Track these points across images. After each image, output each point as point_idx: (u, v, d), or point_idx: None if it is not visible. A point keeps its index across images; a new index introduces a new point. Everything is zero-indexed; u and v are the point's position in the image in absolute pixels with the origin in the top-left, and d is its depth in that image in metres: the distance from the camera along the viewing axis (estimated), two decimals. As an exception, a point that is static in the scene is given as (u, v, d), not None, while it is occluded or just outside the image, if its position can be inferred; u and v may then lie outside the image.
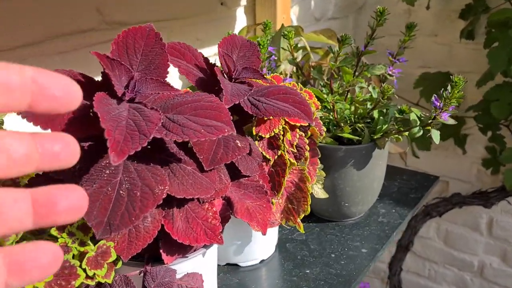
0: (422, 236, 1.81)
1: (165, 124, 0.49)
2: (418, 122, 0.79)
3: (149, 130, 0.44)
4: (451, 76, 0.71)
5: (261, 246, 0.83)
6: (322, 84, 0.90)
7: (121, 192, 0.47)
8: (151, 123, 0.45)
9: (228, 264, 0.83)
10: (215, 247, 0.67)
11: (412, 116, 0.80)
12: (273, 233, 0.84)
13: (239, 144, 0.58)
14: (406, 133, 0.80)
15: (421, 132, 0.78)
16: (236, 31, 1.14)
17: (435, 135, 0.76)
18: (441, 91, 0.72)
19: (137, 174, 0.49)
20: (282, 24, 0.99)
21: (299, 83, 0.82)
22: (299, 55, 0.96)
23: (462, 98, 0.71)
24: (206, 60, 0.63)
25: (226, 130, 0.50)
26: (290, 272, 0.81)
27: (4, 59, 0.70)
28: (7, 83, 0.22)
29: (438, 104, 0.73)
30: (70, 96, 0.24)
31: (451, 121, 0.75)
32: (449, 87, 0.70)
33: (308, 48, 1.01)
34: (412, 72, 1.51)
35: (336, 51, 0.83)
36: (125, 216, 0.47)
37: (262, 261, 0.84)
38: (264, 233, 0.63)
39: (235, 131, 0.51)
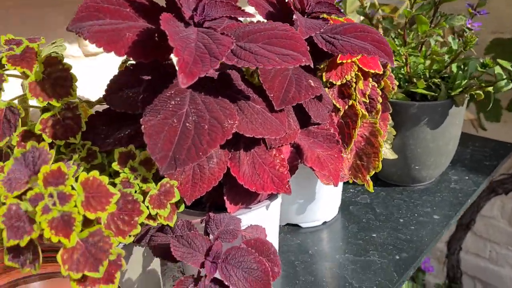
0: (485, 215, 1.70)
1: (236, 52, 0.44)
2: (504, 75, 0.71)
3: (221, 52, 0.40)
4: None
5: (324, 206, 0.77)
6: (394, 35, 0.83)
7: (187, 124, 0.43)
8: (223, 46, 0.40)
9: (288, 224, 0.78)
10: (278, 201, 0.63)
11: (497, 70, 0.72)
12: (336, 193, 0.79)
13: (312, 84, 0.53)
14: (490, 88, 0.72)
15: (510, 86, 0.70)
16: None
17: (527, 88, 0.68)
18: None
19: (205, 106, 0.44)
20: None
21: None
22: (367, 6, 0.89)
23: None
24: (276, -7, 0.58)
25: (304, 60, 0.44)
26: (355, 235, 0.76)
27: (59, 1, 0.67)
28: None
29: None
30: None
31: (546, 73, 0.67)
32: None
33: (377, 3, 0.93)
34: (483, 38, 1.40)
35: (412, -3, 0.76)
36: (191, 150, 0.42)
37: (324, 222, 0.79)
38: (336, 184, 0.57)
39: (312, 63, 0.46)
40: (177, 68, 0.37)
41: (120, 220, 0.40)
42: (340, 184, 0.80)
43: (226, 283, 0.46)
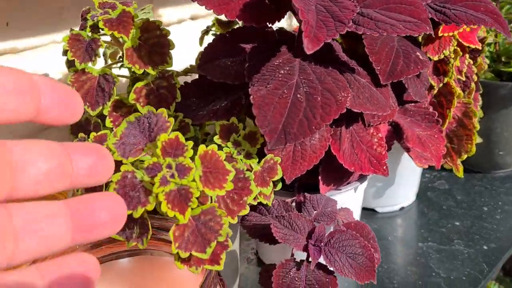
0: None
1: (354, 18, 0.40)
2: None
3: (346, 16, 0.36)
4: None
5: (403, 191, 0.73)
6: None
7: (298, 96, 0.39)
8: (347, 9, 0.37)
9: (364, 209, 0.75)
10: (365, 184, 0.59)
11: None
12: (416, 178, 0.75)
13: (420, 57, 0.48)
14: None
15: None
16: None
17: None
18: None
19: (316, 76, 0.40)
20: None
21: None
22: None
23: None
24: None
25: (427, 28, 0.40)
26: (436, 222, 0.71)
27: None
28: (18, 86, 0.18)
29: None
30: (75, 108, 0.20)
31: None
32: None
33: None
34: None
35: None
36: (304, 123, 0.39)
37: (401, 208, 0.75)
38: (438, 166, 0.53)
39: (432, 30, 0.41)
40: (302, 30, 0.34)
41: (230, 199, 0.37)
42: (419, 168, 0.75)
43: (331, 269, 0.42)
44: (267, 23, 0.41)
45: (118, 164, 0.36)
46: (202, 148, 0.34)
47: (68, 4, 0.60)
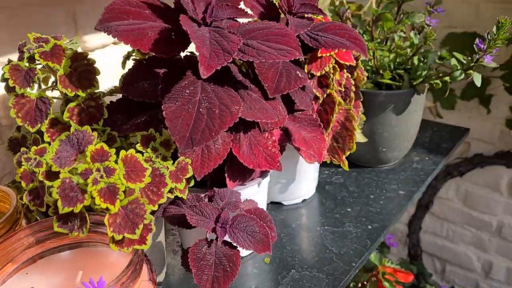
0: (441, 197, 1.85)
1: (240, 48, 0.52)
2: (459, 66, 0.82)
3: (232, 48, 0.48)
4: (478, 36, 0.73)
5: (304, 185, 0.87)
6: (362, 31, 0.93)
7: (201, 109, 0.51)
8: (233, 42, 0.48)
9: (272, 202, 0.87)
10: (267, 179, 0.71)
11: (453, 62, 0.83)
12: (314, 174, 0.88)
13: (299, 75, 0.61)
14: (447, 78, 0.83)
15: (463, 76, 0.81)
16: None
17: (477, 78, 0.79)
18: (486, 33, 0.75)
19: (214, 94, 0.52)
20: (322, -25, 1.01)
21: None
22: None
23: (507, 40, 0.73)
24: (265, -4, 0.66)
25: (297, 54, 0.53)
26: (332, 210, 0.85)
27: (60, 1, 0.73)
28: None
29: (482, 46, 0.75)
30: None
31: (493, 64, 0.78)
32: (494, 29, 0.73)
33: (344, 1, 1.03)
34: (439, 32, 1.53)
35: (378, -2, 0.85)
36: (205, 131, 0.50)
37: (304, 200, 0.88)
38: (319, 161, 0.66)
39: (303, 56, 0.54)
40: (198, 60, 0.45)
41: (149, 191, 0.48)
42: (317, 165, 0.89)
43: (234, 244, 0.54)
44: (175, 53, 0.52)
45: (57, 173, 0.46)
46: (123, 152, 0.45)
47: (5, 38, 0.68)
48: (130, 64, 0.62)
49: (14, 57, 0.66)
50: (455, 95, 1.53)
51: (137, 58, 0.70)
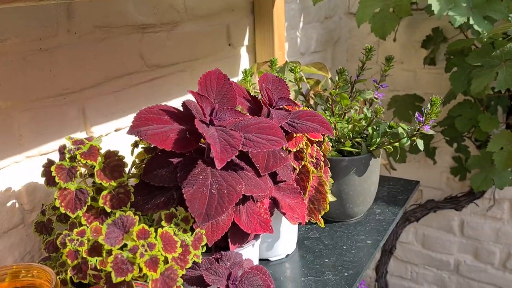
0: (402, 241, 2.02)
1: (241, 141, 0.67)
2: (405, 134, 1.00)
3: (237, 144, 0.63)
4: (420, 98, 0.92)
5: (286, 243, 1.00)
6: (323, 108, 1.10)
7: (212, 191, 0.65)
8: (236, 139, 0.64)
9: (260, 259, 1.00)
10: (259, 240, 0.85)
11: (400, 130, 1.01)
12: (294, 232, 1.02)
13: (283, 155, 0.77)
14: (397, 144, 1.01)
15: (408, 142, 0.99)
16: (241, 67, 1.33)
17: (420, 143, 0.97)
18: (423, 108, 0.93)
19: (222, 177, 0.66)
20: (286, 61, 1.19)
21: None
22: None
23: (442, 102, 0.92)
24: (249, 93, 0.82)
25: (283, 143, 0.69)
26: (312, 262, 0.99)
27: (72, 99, 0.87)
28: None
29: (421, 119, 0.94)
30: None
31: (431, 132, 0.96)
32: (428, 105, 0.92)
33: (305, 79, 1.21)
34: (385, 95, 1.74)
35: (335, 80, 1.04)
36: (218, 208, 0.64)
37: (287, 255, 1.02)
38: (303, 223, 0.81)
39: (286, 142, 0.70)
40: (213, 156, 0.60)
41: (179, 259, 0.60)
42: (296, 226, 1.03)
43: (244, 297, 0.67)
44: (191, 149, 0.66)
45: (98, 251, 0.58)
46: (160, 231, 0.58)
47: (27, 132, 0.80)
48: (138, 150, 0.76)
49: (34, 151, 0.79)
50: (404, 150, 1.73)
51: (144, 146, 0.84)
